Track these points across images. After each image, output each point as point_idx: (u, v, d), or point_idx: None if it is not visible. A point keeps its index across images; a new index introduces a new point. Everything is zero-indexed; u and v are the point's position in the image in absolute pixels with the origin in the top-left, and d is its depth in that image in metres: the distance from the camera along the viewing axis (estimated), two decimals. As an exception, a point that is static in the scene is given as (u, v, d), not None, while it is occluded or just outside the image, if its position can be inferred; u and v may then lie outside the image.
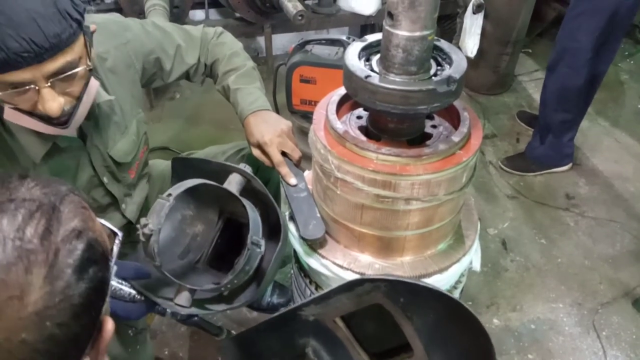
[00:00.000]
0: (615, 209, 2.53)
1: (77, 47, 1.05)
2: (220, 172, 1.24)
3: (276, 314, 1.13)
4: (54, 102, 1.04)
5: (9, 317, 0.51)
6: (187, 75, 1.55)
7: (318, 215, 1.23)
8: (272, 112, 1.43)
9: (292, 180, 1.29)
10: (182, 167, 1.36)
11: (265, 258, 1.18)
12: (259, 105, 1.42)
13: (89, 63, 1.10)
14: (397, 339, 1.03)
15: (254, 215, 1.15)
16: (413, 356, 1.03)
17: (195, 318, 1.25)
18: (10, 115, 1.06)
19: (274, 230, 1.22)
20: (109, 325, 0.63)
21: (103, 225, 0.67)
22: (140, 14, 2.72)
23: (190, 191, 1.16)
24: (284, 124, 1.37)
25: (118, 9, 2.84)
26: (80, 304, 0.56)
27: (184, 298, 1.13)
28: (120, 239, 0.73)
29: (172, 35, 1.46)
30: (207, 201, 1.28)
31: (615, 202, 2.58)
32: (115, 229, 0.74)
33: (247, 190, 1.24)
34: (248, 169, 1.23)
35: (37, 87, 1.01)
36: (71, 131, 1.16)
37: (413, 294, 0.94)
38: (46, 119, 1.08)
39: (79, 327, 0.57)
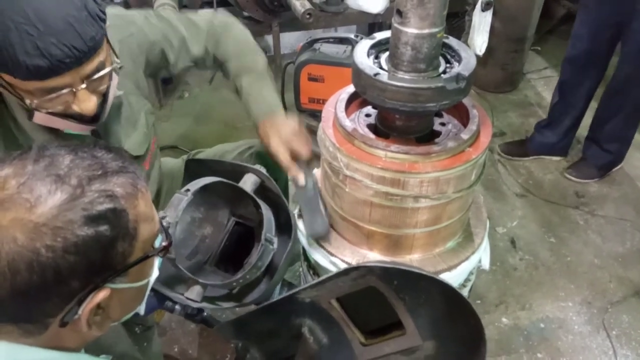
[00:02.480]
0: (625, 208, 2.51)
1: (105, 46, 1.08)
2: (234, 172, 1.25)
3: (273, 300, 1.15)
4: (90, 102, 1.08)
5: (17, 213, 0.62)
6: (195, 65, 1.54)
7: (324, 212, 1.25)
8: (281, 113, 1.42)
9: (301, 181, 1.29)
10: (196, 168, 1.37)
11: (275, 259, 1.19)
12: (269, 110, 1.42)
13: (117, 60, 1.13)
14: (390, 317, 1.06)
15: (267, 213, 1.17)
16: (405, 334, 1.05)
17: (204, 314, 1.26)
18: (41, 119, 1.08)
19: (282, 230, 1.23)
20: (102, 293, 0.68)
21: (161, 225, 0.79)
22: (149, 13, 2.73)
23: (202, 192, 1.18)
24: (289, 125, 1.36)
25: (127, 8, 2.85)
26: (74, 243, 0.63)
27: (195, 292, 1.15)
28: (166, 243, 0.80)
29: (177, 27, 1.45)
30: (217, 203, 1.29)
31: (625, 201, 2.56)
32: (170, 237, 0.83)
33: (259, 192, 1.25)
34: (263, 170, 1.24)
35: (73, 90, 1.04)
36: (85, 129, 1.18)
37: (406, 277, 0.97)
38: (78, 118, 1.10)
39: (66, 264, 0.63)
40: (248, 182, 1.23)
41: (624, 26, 2.23)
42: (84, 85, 1.05)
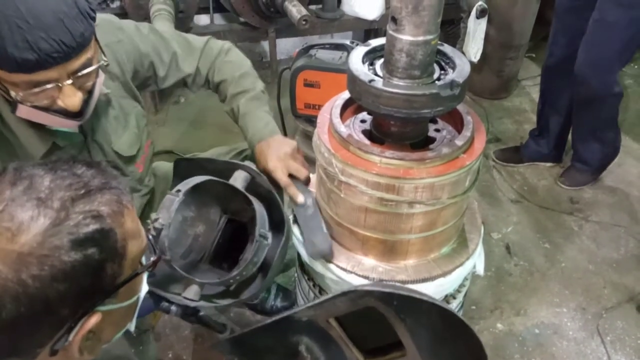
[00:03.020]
0: (620, 213, 2.53)
1: (93, 43, 1.10)
2: (225, 171, 1.26)
3: (269, 320, 1.14)
4: (75, 98, 1.09)
5: None
6: (184, 83, 1.54)
7: (325, 230, 1.25)
8: (279, 135, 1.42)
9: (300, 199, 1.30)
10: (186, 168, 1.37)
11: (269, 254, 1.20)
12: (266, 132, 1.41)
13: (105, 58, 1.15)
14: (390, 337, 1.05)
15: (260, 209, 1.17)
16: (405, 355, 1.05)
17: (200, 313, 1.26)
18: (25, 112, 1.09)
19: (275, 226, 1.24)
20: (93, 319, 0.65)
21: (148, 240, 0.75)
22: (146, 18, 2.74)
23: (192, 191, 1.18)
24: (287, 145, 1.36)
25: (124, 14, 2.85)
26: (62, 270, 0.59)
27: (192, 292, 1.15)
28: (155, 258, 0.78)
29: (169, 42, 1.45)
30: (209, 201, 1.29)
31: (620, 206, 2.57)
32: (157, 252, 0.81)
33: (250, 188, 1.25)
34: (253, 166, 1.25)
35: (59, 85, 1.05)
36: (75, 125, 1.18)
37: (407, 299, 0.95)
38: (63, 113, 1.11)
39: (55, 293, 0.60)
40: (239, 179, 1.23)
41: None
42: (70, 81, 1.06)
